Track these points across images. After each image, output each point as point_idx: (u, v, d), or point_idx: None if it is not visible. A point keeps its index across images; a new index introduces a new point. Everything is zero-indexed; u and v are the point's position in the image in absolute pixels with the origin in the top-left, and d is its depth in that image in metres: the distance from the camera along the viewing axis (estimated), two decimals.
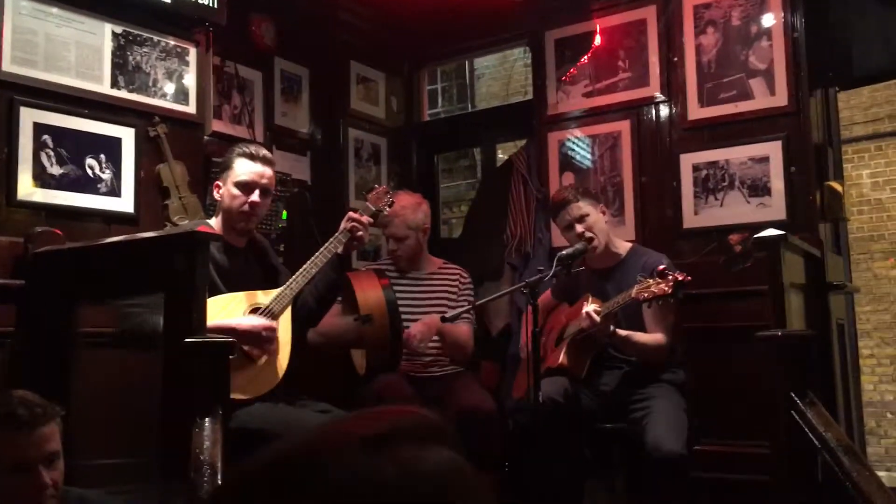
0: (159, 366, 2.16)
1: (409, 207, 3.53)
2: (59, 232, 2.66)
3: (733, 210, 3.61)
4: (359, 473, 0.54)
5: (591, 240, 3.18)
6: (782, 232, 2.74)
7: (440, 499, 0.56)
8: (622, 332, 3.05)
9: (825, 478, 2.52)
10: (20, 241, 2.60)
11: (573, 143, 4.08)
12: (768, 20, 3.60)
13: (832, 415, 2.69)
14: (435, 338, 3.42)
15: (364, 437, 0.56)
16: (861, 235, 7.73)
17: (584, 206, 3.23)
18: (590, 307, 3.01)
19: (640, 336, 3.11)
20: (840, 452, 2.43)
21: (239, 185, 2.74)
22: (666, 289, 2.86)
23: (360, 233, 2.84)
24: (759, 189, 3.57)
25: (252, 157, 2.78)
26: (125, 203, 3.08)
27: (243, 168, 2.76)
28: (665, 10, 3.84)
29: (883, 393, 7.83)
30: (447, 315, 3.22)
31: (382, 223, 3.46)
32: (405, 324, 3.33)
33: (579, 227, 3.20)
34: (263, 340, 2.64)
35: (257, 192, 2.74)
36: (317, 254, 2.81)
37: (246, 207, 2.74)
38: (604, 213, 3.34)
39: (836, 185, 3.69)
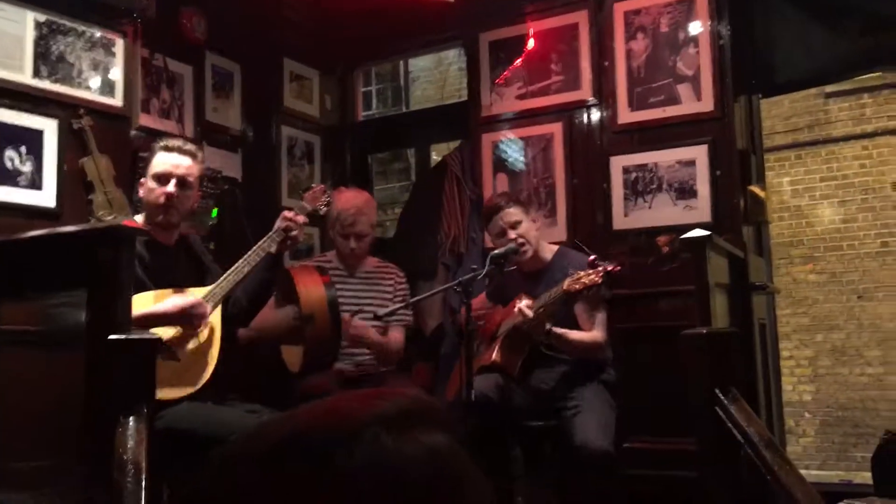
0: (82, 364, 2.09)
1: (368, 205, 3.54)
2: None
3: (661, 212, 3.70)
4: (387, 454, 0.53)
5: (522, 244, 3.22)
6: (708, 233, 2.81)
7: (459, 481, 0.56)
8: (558, 330, 3.09)
9: (749, 472, 2.60)
10: None
11: (507, 144, 4.12)
12: (695, 28, 3.70)
13: (755, 412, 2.77)
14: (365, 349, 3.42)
15: (382, 417, 0.54)
16: (781, 241, 8.00)
17: (516, 213, 3.27)
18: (522, 303, 3.04)
19: (576, 333, 3.15)
20: (762, 446, 2.50)
21: (154, 176, 2.70)
22: (596, 279, 2.91)
23: (295, 232, 2.81)
24: (686, 192, 3.66)
25: (167, 148, 2.74)
26: (47, 197, 2.98)
27: (159, 160, 2.72)
28: (597, 15, 3.91)
29: (801, 393, 8.11)
30: (380, 313, 3.20)
31: (346, 221, 3.45)
32: None
33: (511, 233, 3.23)
34: (194, 317, 2.59)
35: (172, 182, 2.69)
36: (249, 252, 2.76)
37: (161, 199, 2.68)
38: (535, 221, 3.38)
39: (759, 190, 3.81)
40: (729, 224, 3.53)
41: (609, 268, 2.91)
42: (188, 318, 2.58)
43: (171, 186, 2.69)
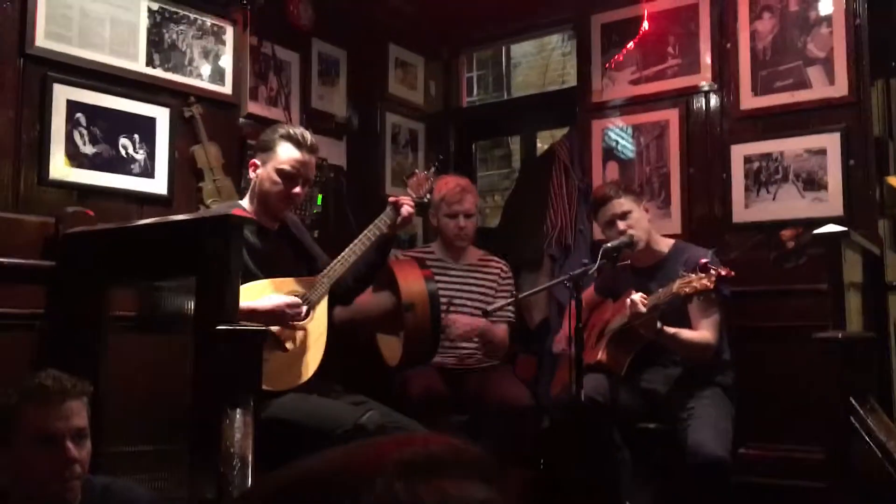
0: (190, 353, 2.08)
1: (471, 185, 3.53)
2: (90, 212, 2.59)
3: (786, 204, 3.46)
4: (396, 501, 0.50)
5: (632, 237, 3.06)
6: (844, 228, 2.60)
7: None
8: (669, 330, 2.93)
9: (885, 488, 2.40)
10: (51, 221, 2.53)
11: (618, 131, 3.95)
12: (828, 6, 3.44)
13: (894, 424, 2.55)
14: (475, 339, 3.36)
15: (401, 463, 0.52)
16: None
17: (626, 203, 3.11)
18: (636, 296, 2.88)
19: (687, 333, 2.99)
20: None
21: (281, 173, 2.60)
22: (708, 283, 2.73)
23: (406, 209, 2.72)
24: (814, 183, 3.41)
25: (298, 144, 2.61)
26: (158, 184, 3.02)
27: (287, 154, 2.60)
28: None
29: None
30: (489, 308, 3.14)
31: (453, 200, 3.41)
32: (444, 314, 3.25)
33: (621, 224, 3.09)
34: (288, 317, 2.52)
35: (299, 185, 2.61)
36: (356, 241, 2.70)
37: (287, 200, 2.63)
38: (647, 210, 3.22)
39: None
40: (862, 218, 3.28)
41: (722, 272, 2.72)
42: (282, 319, 2.52)
43: (298, 188, 2.61)
